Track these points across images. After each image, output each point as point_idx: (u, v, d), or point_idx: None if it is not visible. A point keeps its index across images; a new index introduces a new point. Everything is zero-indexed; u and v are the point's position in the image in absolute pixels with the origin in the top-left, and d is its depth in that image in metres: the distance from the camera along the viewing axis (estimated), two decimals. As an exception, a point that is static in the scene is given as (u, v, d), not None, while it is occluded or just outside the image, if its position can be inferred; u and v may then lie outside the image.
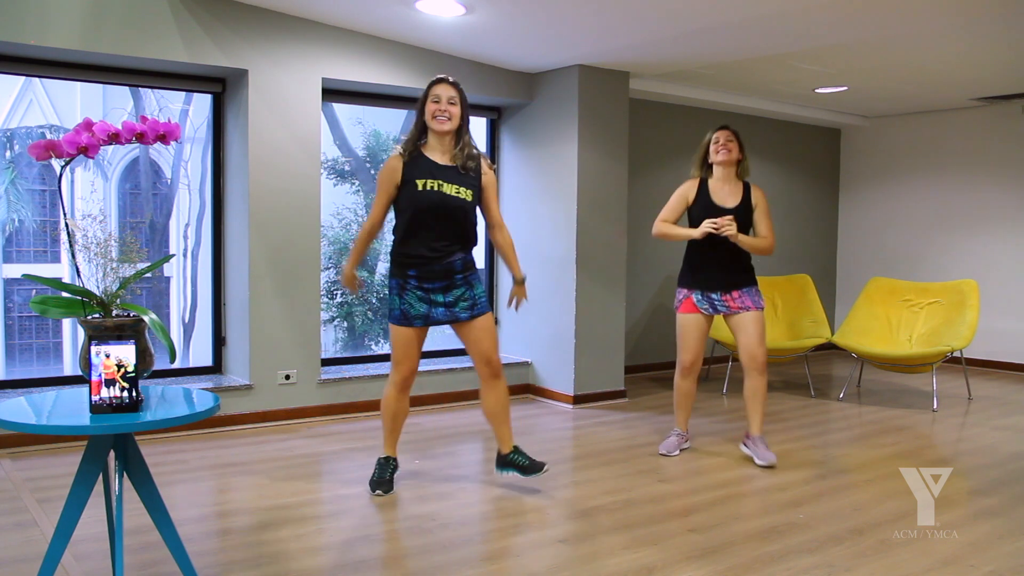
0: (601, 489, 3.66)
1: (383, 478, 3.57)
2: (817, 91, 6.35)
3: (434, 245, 3.35)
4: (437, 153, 3.38)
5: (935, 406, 5.44)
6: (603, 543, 3.02)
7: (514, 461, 3.56)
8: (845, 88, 6.24)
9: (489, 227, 3.59)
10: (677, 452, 4.23)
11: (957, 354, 5.64)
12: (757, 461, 4.01)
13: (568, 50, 5.01)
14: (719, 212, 4.00)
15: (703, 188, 4.07)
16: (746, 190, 4.09)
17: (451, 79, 3.37)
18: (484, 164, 3.47)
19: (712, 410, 5.34)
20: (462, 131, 3.40)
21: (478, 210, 3.50)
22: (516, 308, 3.68)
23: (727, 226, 3.89)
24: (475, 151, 3.43)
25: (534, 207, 5.61)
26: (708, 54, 5.03)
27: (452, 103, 3.32)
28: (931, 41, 4.83)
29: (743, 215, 4.04)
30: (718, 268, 4.03)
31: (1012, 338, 6.92)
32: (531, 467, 3.55)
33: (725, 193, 4.06)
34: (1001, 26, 4.45)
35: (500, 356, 3.56)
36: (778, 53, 4.94)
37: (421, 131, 3.39)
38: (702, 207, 4.03)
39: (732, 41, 4.66)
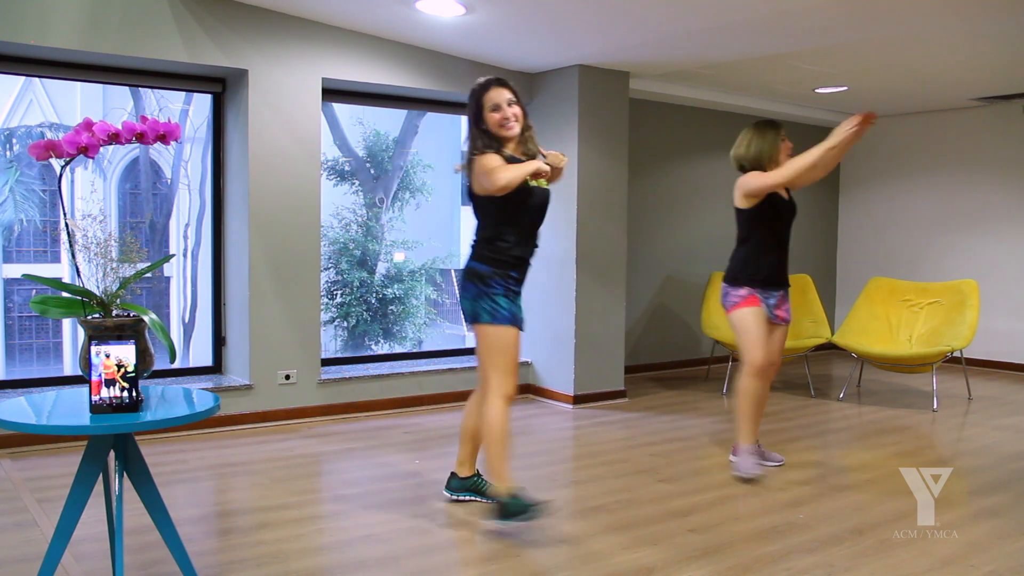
0: (601, 489, 3.66)
1: (528, 505, 3.06)
2: (817, 91, 6.35)
3: (531, 243, 3.21)
4: (510, 149, 3.19)
5: (935, 406, 5.44)
6: (603, 543, 3.02)
7: (478, 486, 3.38)
8: (845, 88, 6.23)
9: None
10: (759, 471, 3.79)
11: (957, 354, 5.64)
12: (773, 465, 3.99)
13: (568, 50, 5.01)
14: (785, 206, 4.02)
15: None
16: None
17: (499, 79, 3.17)
18: (540, 149, 3.28)
19: (712, 410, 5.34)
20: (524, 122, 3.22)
21: None
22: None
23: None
24: (535, 139, 3.26)
25: (534, 207, 5.60)
26: (708, 54, 5.03)
27: (511, 104, 3.14)
28: (931, 41, 4.83)
29: (793, 206, 4.08)
30: (780, 266, 4.03)
31: (1012, 338, 6.92)
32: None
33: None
34: (1001, 26, 4.45)
35: None
36: (778, 53, 4.94)
37: (492, 136, 3.14)
38: (770, 203, 3.95)
39: (732, 41, 4.66)
